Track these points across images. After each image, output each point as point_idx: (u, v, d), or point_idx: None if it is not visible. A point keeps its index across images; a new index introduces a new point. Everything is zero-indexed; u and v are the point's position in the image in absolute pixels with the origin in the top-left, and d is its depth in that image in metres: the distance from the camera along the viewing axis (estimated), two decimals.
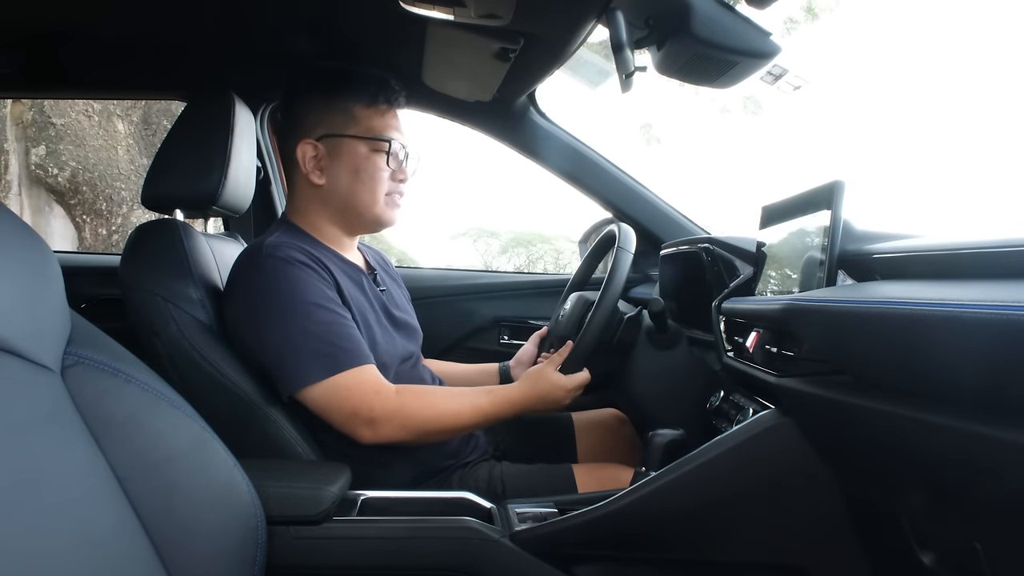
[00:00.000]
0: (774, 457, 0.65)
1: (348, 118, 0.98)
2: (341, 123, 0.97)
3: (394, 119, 1.01)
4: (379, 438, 0.88)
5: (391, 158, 0.99)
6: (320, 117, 0.98)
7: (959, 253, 0.52)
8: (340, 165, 0.98)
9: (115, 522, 0.54)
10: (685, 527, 0.73)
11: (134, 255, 0.92)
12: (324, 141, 0.97)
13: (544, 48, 1.02)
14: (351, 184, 0.98)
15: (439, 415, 0.91)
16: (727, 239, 1.05)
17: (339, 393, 0.86)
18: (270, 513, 0.70)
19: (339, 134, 0.97)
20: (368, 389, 0.87)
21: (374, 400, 0.87)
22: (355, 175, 0.98)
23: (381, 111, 0.99)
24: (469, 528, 0.78)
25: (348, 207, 1.00)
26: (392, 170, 1.00)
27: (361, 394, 0.87)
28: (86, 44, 1.12)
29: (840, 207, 0.67)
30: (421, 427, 0.90)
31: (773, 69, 1.25)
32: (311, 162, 0.98)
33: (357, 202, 0.99)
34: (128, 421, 0.58)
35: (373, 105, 0.99)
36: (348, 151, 0.98)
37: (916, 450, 0.50)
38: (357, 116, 0.98)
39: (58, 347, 0.56)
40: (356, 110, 0.98)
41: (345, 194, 0.99)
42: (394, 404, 0.88)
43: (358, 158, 0.98)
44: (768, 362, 0.70)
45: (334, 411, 0.87)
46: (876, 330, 0.49)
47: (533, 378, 0.99)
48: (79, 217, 3.23)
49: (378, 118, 0.99)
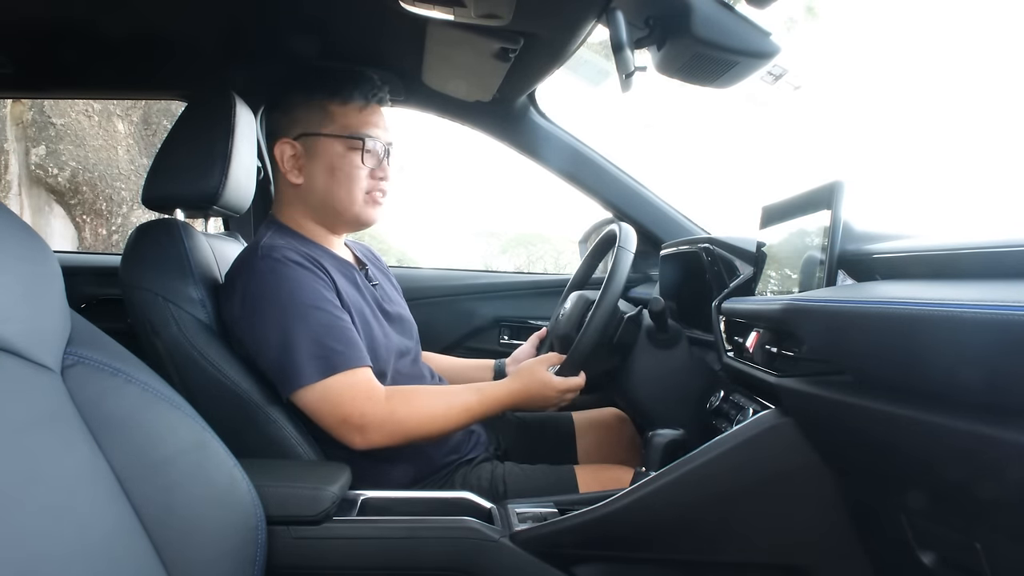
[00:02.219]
0: (774, 457, 0.65)
1: (324, 116, 0.98)
2: (317, 122, 0.98)
3: (372, 116, 1.00)
4: (370, 444, 0.88)
5: (367, 156, 0.98)
6: (297, 116, 0.98)
7: (959, 253, 0.52)
8: (317, 164, 0.98)
9: (115, 522, 0.54)
10: (685, 527, 0.73)
11: (134, 255, 0.92)
12: (301, 140, 0.98)
13: (544, 48, 1.02)
14: (328, 183, 0.98)
15: (428, 418, 0.91)
16: (727, 239, 1.05)
17: (331, 397, 0.86)
18: (270, 513, 0.70)
19: (315, 133, 0.97)
20: (360, 394, 0.87)
21: (365, 406, 0.87)
22: (331, 174, 0.98)
23: (358, 108, 0.99)
24: (469, 528, 0.78)
25: (326, 206, 1.00)
26: (370, 168, 0.99)
27: (352, 399, 0.87)
28: (86, 44, 1.12)
29: (840, 207, 0.67)
30: (411, 432, 0.90)
31: (773, 69, 1.25)
32: (289, 161, 0.98)
33: (335, 201, 0.99)
34: (128, 421, 0.58)
35: (349, 102, 0.98)
36: (324, 150, 0.98)
37: (916, 450, 0.50)
38: (333, 114, 0.98)
39: (58, 347, 0.56)
40: (332, 108, 0.98)
41: (322, 193, 0.99)
42: (384, 410, 0.88)
43: (334, 157, 0.98)
44: (768, 362, 0.70)
45: (326, 415, 0.87)
46: (876, 330, 0.49)
47: (524, 376, 0.99)
48: (79, 217, 3.23)
49: (354, 115, 0.99)
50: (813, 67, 6.43)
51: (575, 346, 0.99)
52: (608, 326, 1.01)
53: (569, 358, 1.00)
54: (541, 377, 0.99)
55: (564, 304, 1.17)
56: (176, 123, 0.99)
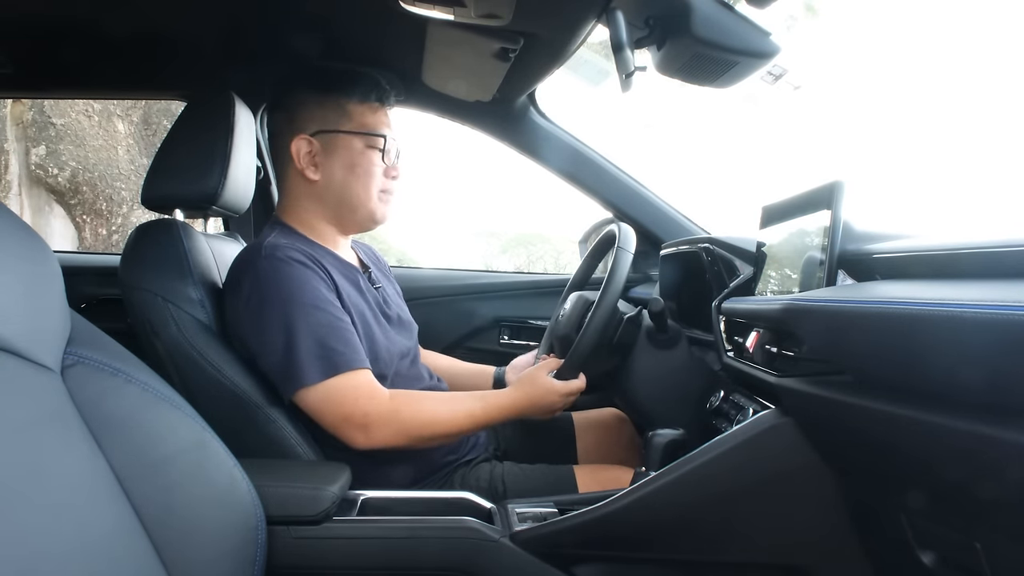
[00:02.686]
0: (774, 457, 0.65)
1: (342, 114, 0.99)
2: (335, 119, 0.98)
3: (386, 117, 1.03)
4: (372, 443, 0.88)
5: (386, 154, 1.00)
6: (313, 114, 0.99)
7: (959, 253, 0.52)
8: (335, 160, 0.99)
9: (115, 522, 0.54)
10: (685, 527, 0.73)
11: (134, 255, 0.92)
12: (319, 137, 0.98)
13: (544, 48, 1.02)
14: (346, 179, 0.99)
15: (432, 421, 0.91)
16: (727, 239, 1.05)
17: (333, 397, 0.86)
18: (270, 513, 0.70)
19: (334, 130, 0.98)
20: (362, 394, 0.88)
21: (368, 405, 0.87)
22: (350, 170, 0.99)
23: (374, 108, 1.01)
24: (469, 528, 0.78)
25: (342, 202, 1.01)
26: (386, 167, 1.01)
27: (355, 399, 0.87)
28: (86, 43, 1.12)
29: (840, 207, 0.67)
30: (414, 433, 0.90)
31: (773, 69, 1.25)
32: (306, 158, 0.99)
33: (351, 197, 1.00)
34: (128, 421, 0.58)
35: (366, 102, 1.00)
36: (343, 146, 0.98)
37: (916, 450, 0.50)
38: (351, 112, 0.99)
39: (58, 347, 0.56)
40: (350, 106, 0.99)
41: (340, 189, 1.00)
42: (388, 409, 0.88)
43: (353, 153, 0.99)
44: (768, 362, 0.70)
45: (328, 414, 0.87)
46: (876, 330, 0.49)
47: (526, 383, 0.99)
48: (79, 217, 3.23)
49: (371, 115, 1.00)
50: (813, 66, 6.42)
51: (575, 347, 0.99)
52: (608, 327, 1.01)
53: (569, 359, 1.00)
54: (543, 383, 0.99)
55: (564, 305, 1.17)
56: (176, 123, 0.99)
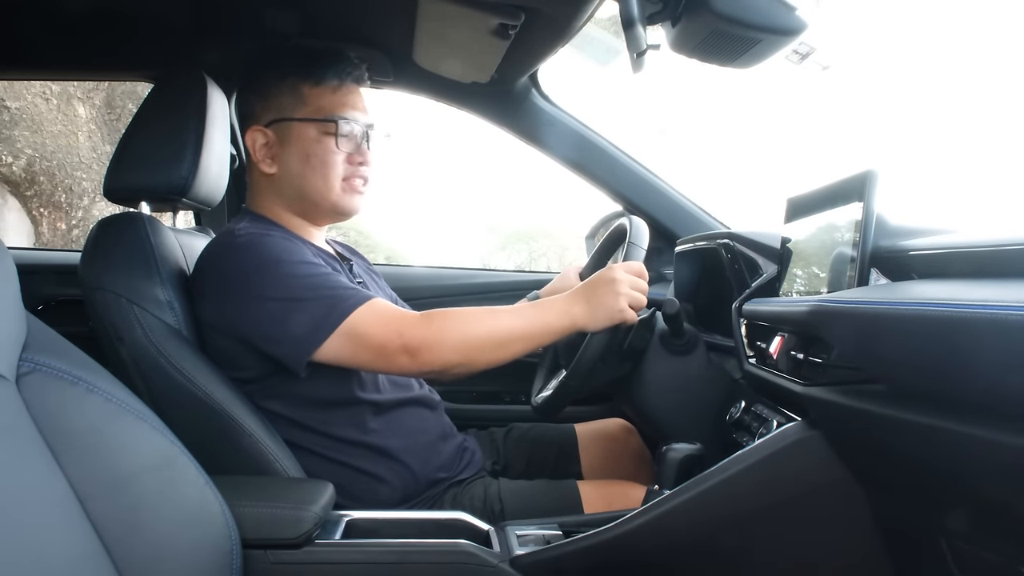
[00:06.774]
0: (800, 474, 0.65)
1: (297, 99, 0.98)
2: (289, 106, 0.98)
3: (348, 96, 1.00)
4: (421, 365, 0.86)
5: (342, 140, 0.98)
6: (269, 102, 0.99)
7: (1004, 250, 0.52)
8: (290, 151, 0.98)
9: (75, 545, 0.54)
10: (702, 551, 0.74)
11: (96, 252, 0.92)
12: (273, 127, 0.98)
13: (547, 24, 1.02)
14: (302, 170, 0.99)
15: (483, 328, 0.88)
16: (749, 234, 1.05)
17: (358, 335, 0.86)
18: (246, 535, 0.70)
19: (287, 118, 0.98)
20: (389, 319, 0.87)
21: (401, 326, 0.86)
22: (305, 160, 0.98)
23: (331, 88, 0.99)
24: (465, 552, 0.78)
25: (302, 196, 1.00)
26: (347, 153, 0.99)
27: (385, 325, 0.86)
28: (43, 19, 1.12)
29: (873, 199, 0.67)
30: (466, 342, 0.87)
31: (799, 47, 1.26)
32: (262, 150, 0.99)
33: (311, 190, 0.99)
34: (90, 434, 0.58)
35: (322, 83, 0.98)
36: (297, 135, 0.98)
37: (956, 466, 0.50)
38: (305, 96, 0.98)
39: (12, 353, 0.56)
40: (304, 90, 0.98)
41: (297, 182, 0.99)
42: (425, 328, 0.86)
43: (308, 142, 0.98)
44: (794, 370, 0.70)
45: (362, 353, 0.86)
46: (913, 334, 0.49)
47: (583, 284, 0.93)
48: (36, 210, 3.23)
49: (328, 96, 0.99)
50: (844, 45, 6.42)
51: (581, 352, 0.99)
52: (617, 330, 1.01)
53: (575, 366, 1.00)
54: (602, 273, 0.92)
55: None
56: (142, 106, 0.99)
